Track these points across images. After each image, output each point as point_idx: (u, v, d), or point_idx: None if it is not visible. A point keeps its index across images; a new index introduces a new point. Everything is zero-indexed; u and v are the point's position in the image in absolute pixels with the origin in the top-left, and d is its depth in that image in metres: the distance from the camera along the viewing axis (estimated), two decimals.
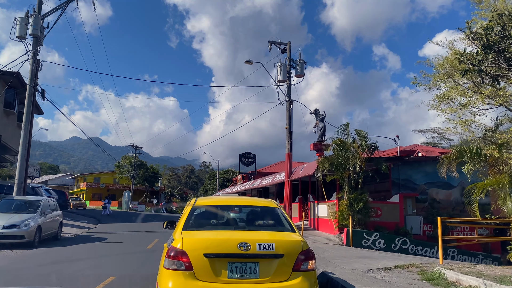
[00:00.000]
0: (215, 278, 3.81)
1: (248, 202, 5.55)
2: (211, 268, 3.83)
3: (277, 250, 3.95)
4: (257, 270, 3.89)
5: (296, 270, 3.99)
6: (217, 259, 3.87)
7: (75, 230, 18.18)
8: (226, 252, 3.89)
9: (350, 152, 15.73)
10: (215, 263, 3.85)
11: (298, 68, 19.92)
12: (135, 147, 52.11)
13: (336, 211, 16.58)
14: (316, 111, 23.99)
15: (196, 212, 4.84)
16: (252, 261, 3.90)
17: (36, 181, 71.52)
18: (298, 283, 3.91)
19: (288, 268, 3.97)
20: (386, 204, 17.43)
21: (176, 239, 4.08)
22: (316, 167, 16.58)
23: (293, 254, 4.02)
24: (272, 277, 3.90)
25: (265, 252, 3.91)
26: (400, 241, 16.28)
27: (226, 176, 63.58)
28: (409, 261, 10.52)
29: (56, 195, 23.22)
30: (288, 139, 19.36)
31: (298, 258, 4.02)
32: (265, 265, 3.93)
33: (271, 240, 4.06)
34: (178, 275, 3.81)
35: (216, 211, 5.12)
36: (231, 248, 3.90)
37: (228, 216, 5.16)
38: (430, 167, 19.15)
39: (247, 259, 3.89)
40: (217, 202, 5.51)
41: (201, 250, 3.89)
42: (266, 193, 31.61)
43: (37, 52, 17.29)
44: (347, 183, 16.01)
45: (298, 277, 3.96)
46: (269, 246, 3.94)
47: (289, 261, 3.98)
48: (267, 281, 3.88)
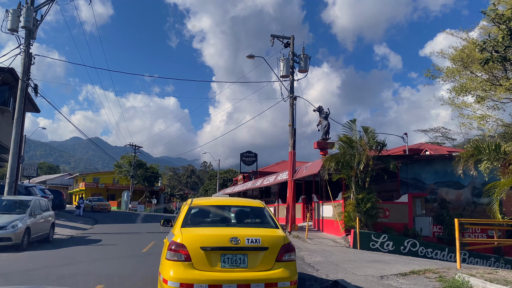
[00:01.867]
0: (210, 267, 4.44)
1: (238, 202, 6.15)
2: (207, 259, 4.46)
3: (262, 243, 4.60)
4: (245, 260, 4.54)
5: (278, 260, 4.62)
6: (212, 252, 4.50)
7: (69, 231, 17.44)
8: (219, 246, 4.53)
9: (357, 150, 14.97)
10: (210, 255, 4.49)
11: (301, 63, 19.16)
12: (135, 146, 51.35)
13: (342, 212, 15.83)
14: (320, 108, 23.22)
15: (193, 211, 5.42)
16: (241, 253, 4.54)
17: (35, 180, 70.83)
18: (280, 271, 4.57)
19: (272, 259, 4.60)
20: (395, 204, 16.67)
21: (176, 235, 4.69)
22: (321, 165, 15.83)
23: (276, 247, 4.66)
24: (258, 267, 4.55)
25: (253, 245, 4.55)
26: (410, 243, 15.53)
27: (227, 176, 62.82)
28: (423, 266, 9.78)
29: (51, 195, 22.50)
30: (291, 136, 18.61)
31: (280, 250, 4.66)
32: (253, 257, 4.57)
33: (258, 235, 4.69)
34: (178, 265, 4.42)
35: (210, 210, 5.73)
36: (223, 242, 4.54)
37: (221, 215, 5.64)
38: (440, 166, 18.41)
39: (237, 252, 4.52)
40: (211, 202, 6.18)
41: (198, 244, 4.51)
42: (268, 193, 30.84)
43: (29, 46, 16.57)
44: (354, 183, 15.25)
45: (280, 267, 4.60)
46: (256, 240, 4.58)
47: (273, 253, 4.62)
48: (254, 270, 4.52)
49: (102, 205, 36.40)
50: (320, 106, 23.32)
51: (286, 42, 19.50)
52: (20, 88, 16.39)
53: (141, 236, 16.09)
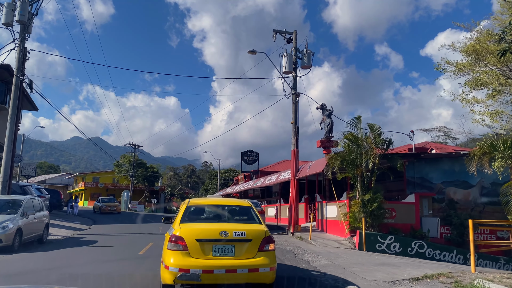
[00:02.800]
0: (204, 256, 5.25)
1: (228, 202, 6.95)
2: (201, 249, 5.27)
3: (247, 236, 5.38)
4: (233, 250, 5.33)
5: (260, 250, 5.41)
6: (205, 243, 5.31)
7: (65, 231, 16.93)
8: (211, 238, 5.34)
9: (363, 147, 14.44)
10: (204, 245, 5.29)
11: (304, 59, 18.62)
12: (134, 145, 50.80)
13: (347, 212, 15.30)
14: (323, 106, 22.69)
15: (190, 209, 6.22)
16: (229, 244, 5.33)
17: (34, 180, 70.40)
18: (261, 259, 5.36)
19: (255, 249, 5.39)
20: (401, 204, 16.14)
21: (176, 229, 5.50)
22: (326, 164, 15.29)
23: (259, 239, 5.44)
24: (243, 255, 5.34)
25: (239, 237, 5.33)
26: (417, 244, 14.98)
27: (228, 175, 62.29)
28: (436, 269, 9.24)
29: (47, 195, 21.98)
30: (294, 134, 18.07)
31: (262, 242, 5.45)
32: (239, 247, 5.36)
33: (243, 229, 5.49)
34: (177, 254, 5.21)
35: (205, 209, 6.48)
36: (215, 235, 5.35)
37: (214, 212, 6.41)
38: (447, 165, 17.87)
39: (226, 243, 5.31)
40: (205, 202, 6.93)
41: (194, 236, 5.30)
42: (270, 193, 30.32)
43: (24, 40, 16.06)
44: (359, 182, 14.72)
45: (262, 255, 5.39)
46: (241, 234, 5.37)
47: (256, 244, 5.40)
48: (240, 258, 5.31)
49: (111, 206, 33.14)
50: (323, 104, 22.79)
51: (289, 37, 18.97)
52: (14, 84, 15.89)
53: (139, 237, 15.57)
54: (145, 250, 10.98)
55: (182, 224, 5.69)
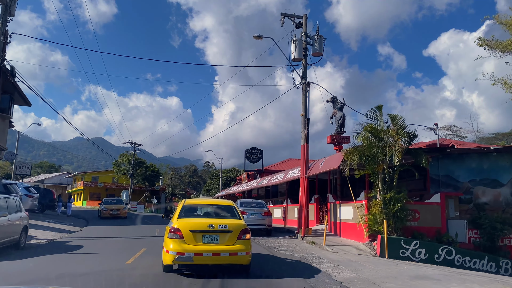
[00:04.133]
0: (196, 243, 7.01)
1: (216, 202, 8.95)
2: (193, 237, 7.02)
3: (229, 228, 7.17)
4: (218, 239, 7.10)
5: (239, 239, 7.18)
6: (197, 233, 7.07)
7: (52, 234, 15.31)
8: (201, 229, 7.11)
9: (385, 141, 12.73)
10: (196, 235, 7.05)
11: (315, 45, 16.94)
12: (134, 144, 49.18)
13: (366, 214, 13.59)
14: (334, 99, 20.98)
15: (185, 208, 8.01)
16: (215, 234, 7.10)
17: (33, 179, 68.94)
18: (239, 246, 7.11)
19: (234, 238, 7.16)
20: (425, 205, 14.40)
21: (174, 222, 7.27)
22: (342, 160, 13.60)
23: (237, 230, 7.23)
24: (226, 243, 7.10)
25: (222, 229, 7.12)
26: (445, 250, 13.26)
27: (230, 175, 60.61)
28: (485, 284, 7.55)
29: (36, 194, 20.42)
30: (304, 128, 16.38)
31: (240, 232, 7.23)
32: (222, 236, 7.13)
33: (226, 223, 7.28)
34: (175, 241, 6.94)
35: (197, 207, 8.37)
36: (204, 227, 7.11)
37: (204, 210, 8.29)
38: (475, 162, 16.11)
39: (212, 233, 7.10)
40: (198, 202, 8.95)
41: (188, 228, 7.06)
42: (275, 193, 28.60)
43: (6, 22, 14.48)
44: (380, 180, 13.01)
45: (239, 243, 7.16)
46: (224, 226, 7.16)
47: (235, 234, 7.19)
48: (223, 244, 7.06)
49: (113, 209, 26.17)
50: (334, 96, 21.09)
51: (298, 22, 17.28)
52: None
53: (131, 242, 13.93)
54: (134, 259, 9.32)
55: (179, 219, 7.39)
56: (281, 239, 15.39)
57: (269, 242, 14.12)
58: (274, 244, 13.65)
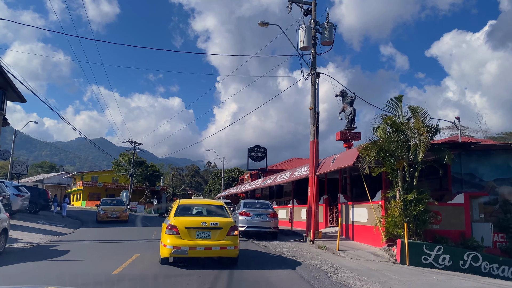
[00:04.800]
0: (190, 238, 7.98)
1: (208, 202, 10.57)
2: (188, 233, 8.00)
3: (219, 225, 8.20)
4: (210, 234, 8.09)
5: (228, 235, 8.18)
6: (191, 229, 8.06)
7: (40, 237, 14.10)
8: (195, 226, 8.14)
9: (407, 135, 11.45)
10: (190, 231, 8.03)
11: (325, 33, 15.67)
12: (134, 143, 47.98)
13: (383, 216, 12.31)
14: (343, 93, 19.73)
15: (180, 207, 9.10)
16: (207, 230, 8.11)
17: (32, 179, 67.89)
18: (228, 241, 8.11)
19: (224, 234, 8.16)
20: (448, 206, 13.09)
21: (171, 220, 8.28)
22: (356, 156, 12.32)
23: (227, 227, 8.24)
24: (216, 238, 8.08)
25: (213, 226, 8.14)
26: (471, 256, 11.97)
27: (232, 175, 59.35)
28: None
29: (27, 193, 19.20)
30: (313, 122, 15.10)
31: (229, 229, 8.23)
32: (214, 232, 8.11)
33: (217, 220, 8.32)
34: (172, 236, 7.93)
35: (190, 207, 9.57)
36: (197, 224, 8.18)
37: (197, 209, 9.54)
38: (501, 159, 14.79)
39: (205, 230, 8.11)
40: (191, 202, 10.38)
41: (184, 225, 8.07)
42: (280, 193, 27.31)
43: None
44: (400, 178, 11.72)
45: (229, 238, 8.15)
46: (215, 223, 8.19)
47: (225, 230, 8.19)
48: (214, 240, 8.05)
49: (111, 212, 22.61)
50: (343, 90, 19.83)
51: (307, 8, 16.03)
52: None
53: (125, 246, 12.70)
54: (124, 267, 8.08)
55: (175, 217, 8.43)
56: (289, 243, 14.12)
57: (276, 247, 12.86)
58: (282, 249, 12.39)
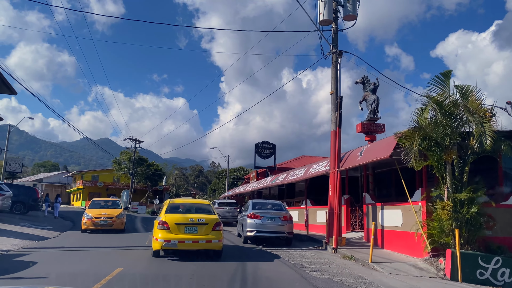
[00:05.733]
0: (179, 232, 9.19)
1: (195, 201, 12.19)
2: (177, 228, 9.21)
3: (205, 221, 9.40)
4: (196, 229, 9.30)
5: (213, 230, 9.38)
6: (180, 225, 9.26)
7: (15, 243, 12.01)
8: (184, 222, 9.32)
9: (459, 119, 9.16)
10: (179, 226, 9.24)
11: (348, 6, 13.44)
12: (135, 140, 45.93)
13: (426, 220, 10.02)
14: (364, 80, 17.47)
15: (170, 205, 10.29)
16: (194, 226, 9.30)
17: (31, 178, 66.25)
18: (213, 235, 9.32)
19: (209, 229, 9.36)
20: (503, 208, 10.78)
21: (162, 217, 9.54)
22: (394, 146, 10.03)
23: (212, 223, 9.44)
24: (203, 233, 9.29)
25: (200, 222, 9.35)
26: None
27: (237, 174, 57.14)
28: None
29: (9, 192, 17.16)
30: (335, 109, 12.85)
31: (214, 225, 9.43)
32: (200, 228, 9.32)
33: (203, 217, 9.53)
34: (163, 231, 9.15)
35: (179, 205, 10.64)
36: (186, 220, 9.36)
37: (185, 208, 10.52)
38: None
39: (193, 225, 9.30)
40: (180, 201, 11.79)
41: (174, 221, 9.30)
42: (291, 192, 24.95)
43: None
44: (449, 173, 9.44)
45: (214, 233, 9.36)
46: (202, 220, 9.41)
47: (210, 226, 9.38)
48: (200, 234, 9.26)
49: (101, 218, 16.40)
50: (365, 76, 17.56)
51: None
52: None
53: (109, 256, 10.52)
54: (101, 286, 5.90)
55: (166, 214, 9.72)
56: (307, 252, 11.88)
57: (293, 257, 10.63)
58: (301, 260, 10.16)
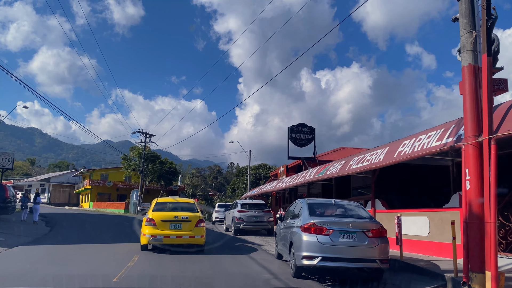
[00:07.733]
0: (165, 229, 10.50)
1: (180, 200, 13.08)
2: (163, 225, 10.51)
3: (189, 219, 10.71)
4: (181, 226, 10.61)
5: (196, 226, 10.73)
6: (166, 222, 10.57)
7: None
8: (169, 219, 10.63)
9: None
10: (165, 223, 10.55)
11: None
12: (145, 134, 40.72)
13: None
14: None
15: (157, 204, 11.68)
16: (179, 223, 10.60)
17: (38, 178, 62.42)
18: (196, 231, 10.69)
19: (193, 225, 10.70)
20: None
21: (150, 214, 10.85)
22: None
23: (195, 220, 10.77)
24: (186, 229, 10.63)
25: (184, 219, 10.64)
26: None
27: (260, 172, 51.31)
28: None
29: None
30: (471, 22, 6.75)
31: (197, 222, 10.78)
32: (184, 224, 10.64)
33: (187, 215, 10.81)
34: (150, 227, 10.47)
35: (166, 203, 11.94)
36: (171, 217, 10.67)
37: (171, 206, 11.81)
38: None
39: (177, 222, 10.60)
40: (167, 200, 12.76)
41: (160, 218, 10.58)
42: (344, 190, 18.30)
43: None
44: None
45: (196, 229, 10.73)
46: (186, 217, 10.69)
47: (193, 223, 10.72)
48: (184, 230, 10.61)
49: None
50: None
51: None
52: None
53: None
54: None
55: (153, 212, 10.93)
56: None
57: None
58: None
